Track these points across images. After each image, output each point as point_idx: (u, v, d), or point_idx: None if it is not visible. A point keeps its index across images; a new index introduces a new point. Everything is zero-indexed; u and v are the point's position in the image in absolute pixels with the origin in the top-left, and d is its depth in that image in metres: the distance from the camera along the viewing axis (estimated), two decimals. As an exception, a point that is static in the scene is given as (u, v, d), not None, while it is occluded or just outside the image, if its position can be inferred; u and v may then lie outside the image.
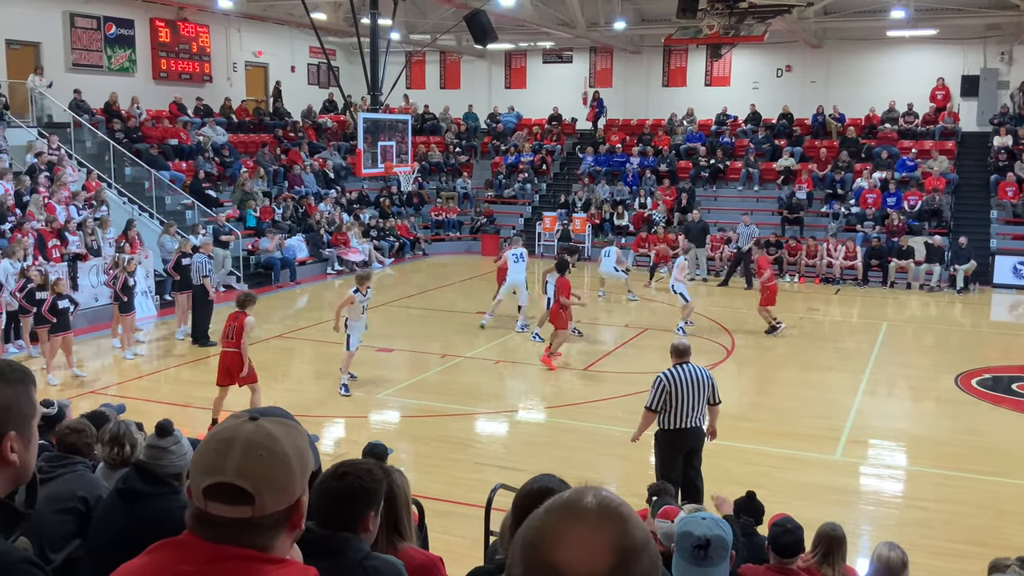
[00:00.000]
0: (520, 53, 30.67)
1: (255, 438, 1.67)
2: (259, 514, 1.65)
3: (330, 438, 10.49)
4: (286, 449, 1.67)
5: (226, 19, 25.95)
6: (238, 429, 1.69)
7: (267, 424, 1.70)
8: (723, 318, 17.39)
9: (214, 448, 1.69)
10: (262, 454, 1.65)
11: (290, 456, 1.67)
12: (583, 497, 1.30)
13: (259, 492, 1.64)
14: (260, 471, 1.64)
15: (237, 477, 1.63)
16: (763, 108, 26.84)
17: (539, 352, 13.97)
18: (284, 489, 1.67)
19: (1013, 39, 24.44)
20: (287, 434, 1.71)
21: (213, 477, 1.65)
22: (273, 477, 1.65)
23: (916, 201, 22.96)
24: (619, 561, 1.24)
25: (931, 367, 14.19)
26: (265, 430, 1.68)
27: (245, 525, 1.65)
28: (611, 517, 1.28)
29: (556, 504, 1.31)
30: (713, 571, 2.43)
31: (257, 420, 1.71)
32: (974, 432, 11.04)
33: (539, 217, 25.78)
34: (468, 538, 6.38)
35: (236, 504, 1.64)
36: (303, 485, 1.71)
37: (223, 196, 22.46)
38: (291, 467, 1.67)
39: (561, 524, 1.28)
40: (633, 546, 1.26)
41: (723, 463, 9.70)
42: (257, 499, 1.64)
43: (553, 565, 1.24)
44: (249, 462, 1.64)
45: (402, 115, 21.17)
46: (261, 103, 28.20)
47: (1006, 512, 8.53)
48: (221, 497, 1.65)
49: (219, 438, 1.70)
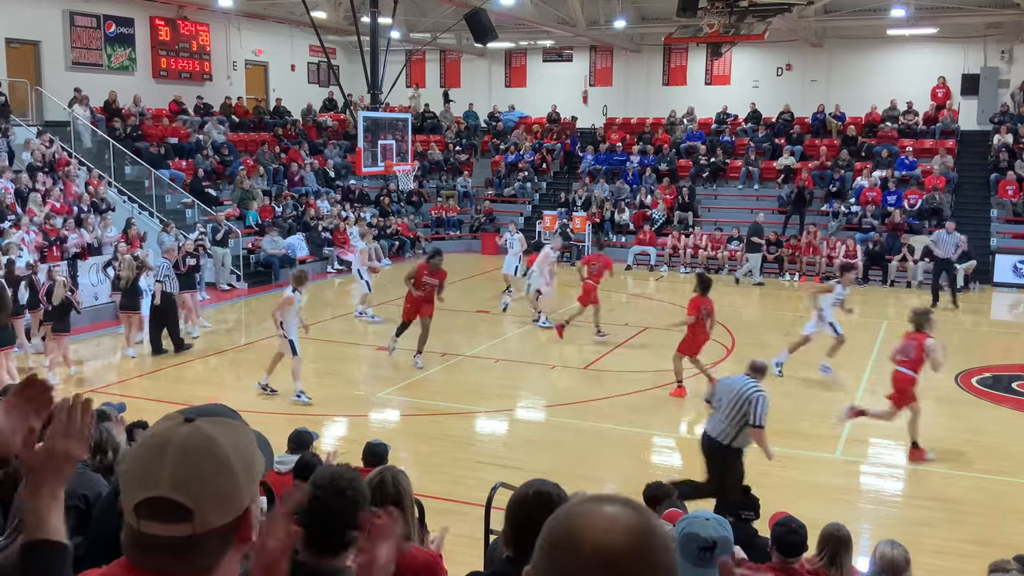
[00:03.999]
0: (520, 52, 30.67)
1: (191, 443, 1.45)
2: (200, 531, 1.43)
3: (330, 437, 10.48)
4: (228, 453, 1.45)
5: (226, 17, 25.94)
6: (171, 433, 1.47)
7: (205, 425, 1.48)
8: (723, 316, 17.35)
9: (144, 456, 1.47)
10: (200, 460, 1.43)
11: (233, 461, 1.45)
12: (610, 494, 1.36)
13: (199, 506, 1.42)
14: (199, 481, 1.42)
15: (172, 490, 1.41)
16: (763, 107, 26.82)
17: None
18: (228, 500, 1.45)
19: (1013, 38, 24.43)
20: (229, 436, 1.49)
21: (145, 491, 1.43)
22: (215, 487, 1.43)
23: (916, 200, 22.96)
24: (640, 542, 1.25)
25: (931, 366, 14.13)
26: (202, 432, 1.47)
27: (185, 545, 1.43)
28: (636, 506, 1.31)
29: (583, 495, 1.37)
30: (716, 572, 2.43)
31: (193, 421, 1.50)
32: (975, 431, 11.04)
33: (539, 216, 25.77)
34: (468, 537, 6.37)
35: (173, 522, 1.42)
36: (251, 493, 1.49)
37: (223, 195, 22.46)
38: (235, 474, 1.45)
39: (587, 504, 1.31)
40: (655, 531, 1.29)
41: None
42: (197, 514, 1.42)
43: (575, 535, 1.26)
44: (186, 471, 1.42)
45: (402, 114, 21.16)
46: (261, 101, 28.21)
47: (1008, 511, 8.53)
48: (155, 515, 1.42)
49: (149, 444, 1.48)
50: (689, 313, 11.85)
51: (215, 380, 13.22)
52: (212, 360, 14.05)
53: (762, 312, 18.52)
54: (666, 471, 9.33)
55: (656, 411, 11.73)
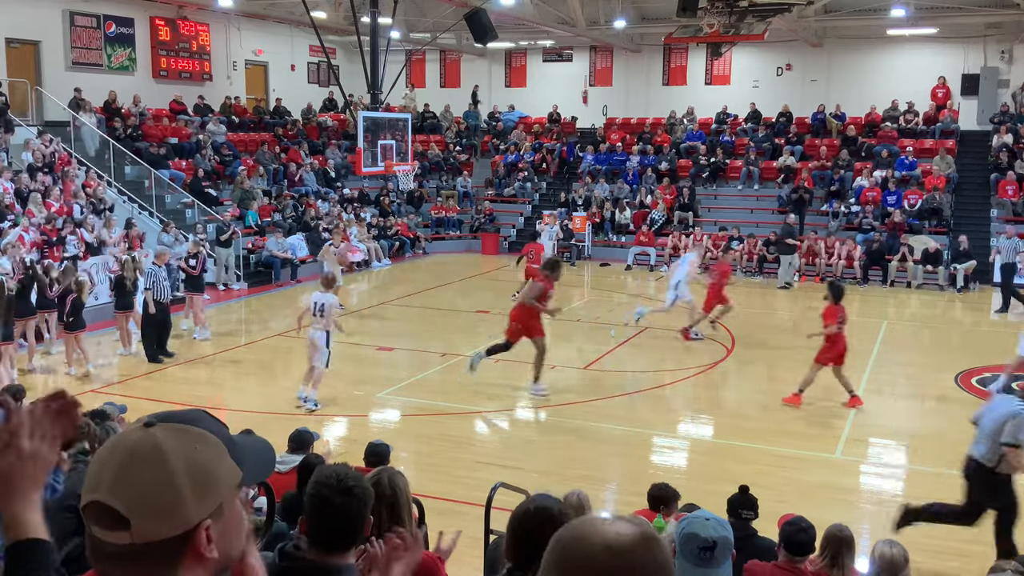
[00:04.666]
0: (520, 52, 30.67)
1: (136, 450, 1.41)
2: (139, 541, 1.38)
3: (331, 437, 10.48)
4: (172, 464, 1.39)
5: (226, 17, 25.94)
6: (123, 437, 1.45)
7: (159, 432, 1.43)
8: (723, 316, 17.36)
9: (96, 460, 1.45)
10: (140, 468, 1.39)
11: (177, 472, 1.39)
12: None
13: (133, 514, 1.37)
14: (135, 489, 1.38)
15: (109, 495, 1.38)
16: (763, 107, 26.83)
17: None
18: (167, 513, 1.38)
19: (1013, 38, 24.43)
20: (181, 445, 1.42)
21: (87, 494, 1.42)
22: (151, 497, 1.38)
23: (916, 200, 22.96)
24: (645, 541, 1.35)
25: (931, 366, 14.18)
26: (152, 440, 1.41)
27: (128, 555, 1.39)
28: (638, 522, 1.41)
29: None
30: (717, 571, 2.43)
31: (151, 427, 1.45)
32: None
33: (539, 216, 25.77)
34: (468, 537, 6.37)
35: (111, 528, 1.39)
36: (203, 508, 1.42)
37: (223, 195, 22.46)
38: (177, 486, 1.39)
39: (591, 518, 1.44)
40: (656, 536, 1.38)
41: (723, 462, 9.71)
42: (133, 523, 1.37)
43: (587, 536, 1.35)
44: (124, 477, 1.39)
45: (402, 114, 21.17)
46: (261, 101, 28.21)
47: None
48: (98, 519, 1.40)
49: (104, 447, 1.47)
50: (826, 322, 11.65)
51: (216, 381, 13.22)
52: (214, 360, 14.04)
53: (762, 312, 18.50)
54: (666, 471, 9.34)
55: (656, 411, 11.73)
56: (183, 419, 1.50)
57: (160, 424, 1.46)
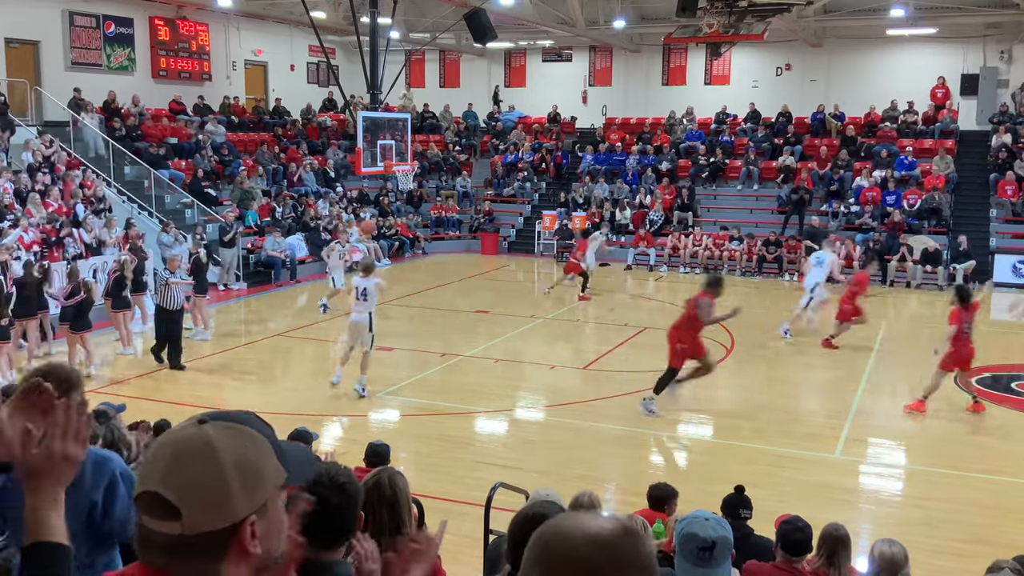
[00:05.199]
0: (520, 52, 30.67)
1: (189, 444, 1.48)
2: (188, 532, 1.44)
3: (330, 437, 10.49)
4: (223, 459, 1.46)
5: (225, 17, 25.94)
6: (176, 433, 1.53)
7: (211, 429, 1.50)
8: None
9: (151, 454, 1.52)
10: (193, 462, 1.45)
11: (227, 467, 1.45)
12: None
13: (185, 505, 1.43)
14: (187, 481, 1.44)
15: (161, 486, 1.44)
16: (763, 107, 26.83)
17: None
18: (217, 505, 1.45)
19: (1013, 38, 24.43)
20: (232, 442, 1.49)
21: (141, 486, 1.48)
22: (202, 489, 1.44)
23: (916, 200, 22.97)
24: (627, 535, 1.34)
25: (930, 365, 14.13)
26: (204, 436, 1.48)
27: (180, 547, 1.45)
28: (622, 518, 1.45)
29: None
30: (716, 571, 2.43)
31: (204, 423, 1.52)
32: (974, 431, 11.04)
33: (539, 216, 25.79)
34: (468, 537, 6.38)
35: (162, 518, 1.44)
36: (250, 503, 1.48)
37: (223, 195, 22.47)
38: (226, 480, 1.45)
39: (574, 513, 1.45)
40: (639, 532, 1.36)
41: (725, 462, 9.72)
42: (184, 513, 1.43)
43: (567, 529, 1.35)
44: (177, 470, 1.45)
45: (401, 114, 21.17)
46: (260, 101, 28.21)
47: (1007, 510, 8.53)
48: (150, 509, 1.46)
49: (158, 443, 1.53)
50: (951, 323, 11.52)
51: (215, 381, 13.20)
52: (214, 360, 14.04)
53: (762, 312, 18.49)
54: (665, 471, 9.34)
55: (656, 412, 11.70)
56: (234, 418, 1.57)
57: (212, 421, 1.52)
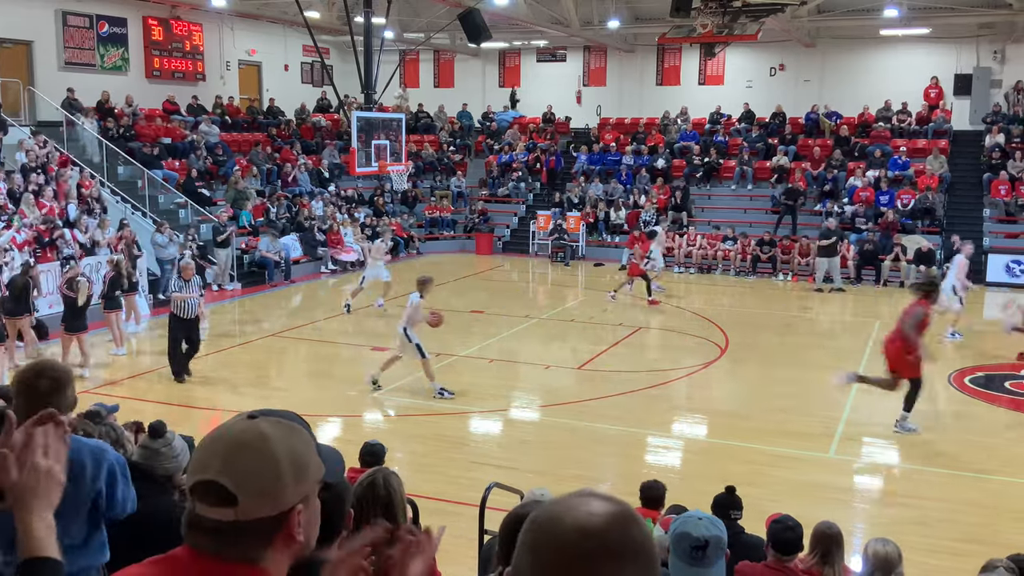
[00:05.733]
0: (514, 52, 30.67)
1: (244, 437, 1.59)
2: (243, 517, 1.56)
3: (325, 438, 10.47)
4: (276, 450, 1.58)
5: (219, 17, 25.89)
6: (231, 427, 1.63)
7: (263, 423, 1.62)
8: (717, 316, 17.42)
9: (204, 446, 1.63)
10: (249, 452, 1.57)
11: (280, 458, 1.58)
12: (594, 490, 1.41)
13: (241, 492, 1.55)
14: (244, 470, 1.56)
15: (219, 474, 1.55)
16: (757, 107, 26.86)
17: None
18: (270, 493, 1.57)
19: (1006, 38, 24.50)
20: (283, 435, 1.61)
21: (199, 475, 1.59)
22: (258, 478, 1.56)
23: (909, 200, 23.02)
24: (621, 523, 1.32)
25: (924, 365, 14.16)
26: (257, 429, 1.60)
27: (231, 531, 1.57)
28: (618, 499, 1.38)
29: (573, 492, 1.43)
30: (710, 571, 2.43)
31: (255, 419, 1.64)
32: (968, 430, 11.07)
33: (533, 216, 25.80)
34: (463, 537, 6.37)
35: (219, 505, 1.56)
36: (297, 493, 1.61)
37: (216, 195, 22.43)
38: (280, 470, 1.58)
39: (570, 497, 1.38)
40: (636, 517, 1.35)
41: (720, 461, 9.73)
42: (240, 499, 1.55)
43: (557, 517, 1.33)
44: (234, 460, 1.56)
45: (396, 114, 21.16)
46: (255, 101, 28.17)
47: (1002, 510, 8.56)
48: (205, 497, 1.57)
49: (211, 436, 1.64)
50: None
51: (210, 381, 13.16)
52: (208, 360, 14.00)
53: (755, 311, 18.54)
54: (661, 471, 9.34)
55: (651, 411, 11.74)
56: (280, 415, 1.71)
57: (262, 418, 1.64)
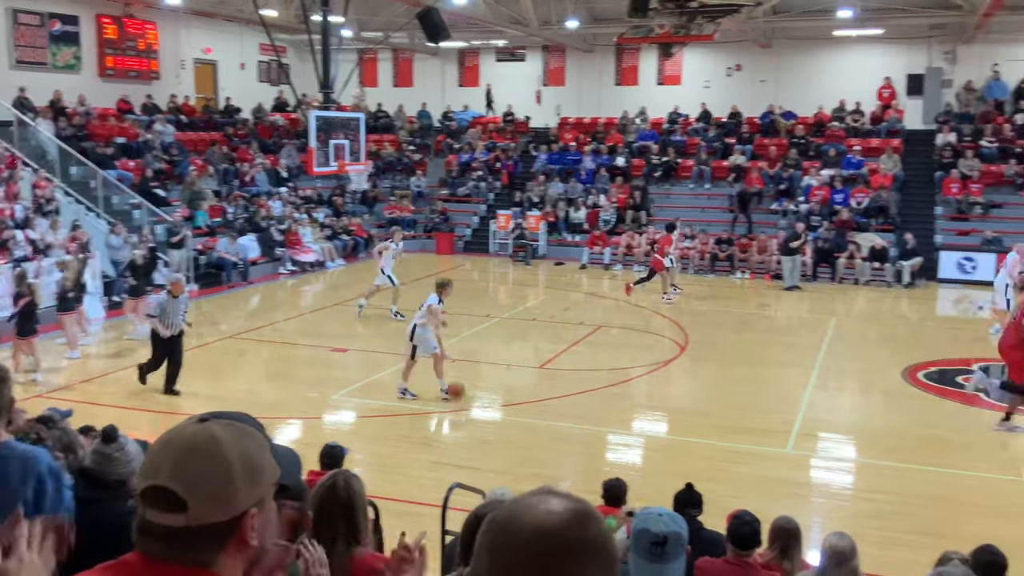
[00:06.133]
0: (473, 51, 30.63)
1: (195, 440, 1.55)
2: (193, 523, 1.52)
3: (284, 440, 10.38)
4: (227, 454, 1.54)
5: (174, 15, 25.54)
6: (181, 430, 1.59)
7: (214, 426, 1.58)
8: (675, 314, 17.55)
9: (154, 451, 1.59)
10: (199, 456, 1.53)
11: (232, 461, 1.54)
12: (554, 488, 1.40)
13: (192, 497, 1.51)
14: (194, 474, 1.52)
15: (169, 480, 1.52)
16: (714, 107, 27.11)
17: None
18: (222, 497, 1.53)
19: (956, 39, 24.97)
20: (234, 438, 1.57)
21: (148, 480, 1.55)
22: (208, 482, 1.52)
23: (863, 198, 23.38)
24: (579, 522, 1.31)
25: (879, 361, 14.44)
26: (208, 432, 1.56)
27: (182, 537, 1.53)
28: (577, 498, 1.36)
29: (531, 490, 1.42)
30: (669, 567, 2.45)
31: (206, 422, 1.60)
32: (922, 424, 11.27)
33: (494, 215, 25.80)
34: (425, 538, 6.35)
35: (169, 511, 1.52)
36: (251, 496, 1.57)
37: (172, 195, 22.13)
38: (231, 474, 1.54)
39: (529, 496, 1.37)
40: (595, 515, 1.34)
41: (680, 458, 9.81)
42: (190, 505, 1.51)
43: (515, 517, 1.32)
44: (184, 464, 1.53)
45: (354, 113, 21.02)
46: (210, 100, 27.84)
47: (955, 503, 8.72)
48: (155, 502, 1.53)
49: (161, 441, 1.60)
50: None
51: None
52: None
53: (714, 309, 18.72)
54: (622, 469, 9.39)
55: (611, 409, 11.79)
56: (233, 417, 1.67)
57: (214, 420, 1.61)
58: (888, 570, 6.64)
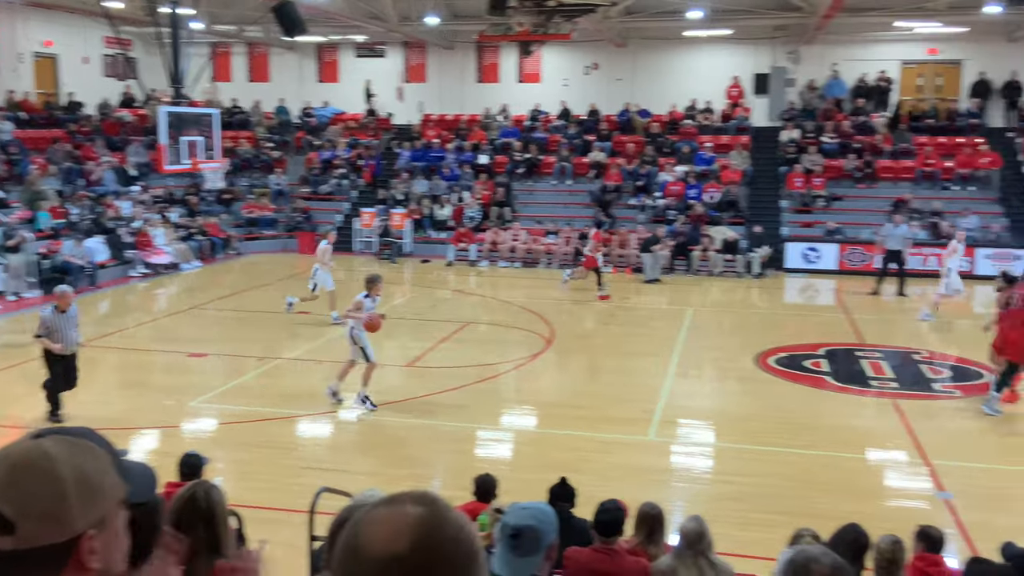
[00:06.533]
0: (332, 47, 30.12)
1: (26, 457, 1.45)
2: (23, 546, 1.41)
3: (140, 451, 9.93)
4: (60, 471, 1.44)
5: (10, 7, 23.99)
6: (12, 448, 1.49)
7: (47, 442, 1.48)
8: (542, 308, 17.77)
9: None
10: (30, 474, 1.43)
11: (65, 478, 1.44)
12: (400, 493, 1.35)
13: (20, 518, 1.40)
14: (24, 493, 1.41)
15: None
16: (573, 104, 27.63)
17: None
18: (54, 517, 1.42)
19: (798, 39, 26.27)
20: (70, 454, 1.47)
21: None
22: (39, 501, 1.41)
23: (715, 193, 24.31)
24: (422, 541, 1.26)
25: (733, 348, 15.06)
26: (41, 449, 1.46)
27: (11, 561, 1.41)
28: (424, 501, 1.32)
29: (382, 498, 1.36)
30: (524, 561, 2.49)
31: (40, 437, 1.49)
32: (775, 408, 11.81)
33: (357, 214, 25.46)
34: (291, 545, 6.20)
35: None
36: (88, 516, 1.46)
37: (11, 196, 20.82)
38: (65, 492, 1.43)
39: (374, 511, 1.32)
40: (442, 526, 1.29)
41: (546, 450, 9.95)
42: (19, 525, 1.40)
43: (356, 546, 1.27)
44: (12, 482, 1.42)
45: (208, 108, 20.31)
46: (52, 96, 26.34)
47: (810, 482, 9.18)
48: None
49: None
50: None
51: (12, 397, 12.19)
52: (10, 374, 12.96)
53: (578, 302, 19.06)
54: (492, 463, 9.45)
55: (480, 405, 11.84)
56: (71, 433, 1.56)
57: (49, 436, 1.50)
58: (746, 549, 6.93)
